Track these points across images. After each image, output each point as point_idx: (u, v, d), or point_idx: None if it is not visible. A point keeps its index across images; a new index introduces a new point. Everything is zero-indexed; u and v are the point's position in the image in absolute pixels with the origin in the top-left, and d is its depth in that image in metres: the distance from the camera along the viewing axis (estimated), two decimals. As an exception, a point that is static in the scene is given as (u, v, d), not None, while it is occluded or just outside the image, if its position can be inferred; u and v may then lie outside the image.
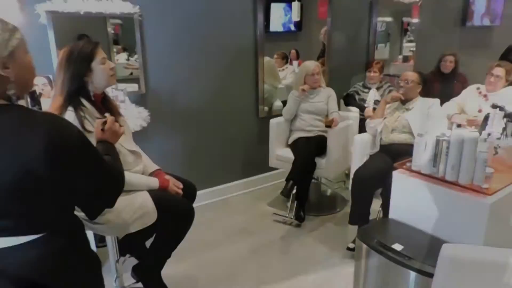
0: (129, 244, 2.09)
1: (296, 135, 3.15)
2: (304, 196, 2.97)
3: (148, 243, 2.02)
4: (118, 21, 2.72)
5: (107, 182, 1.20)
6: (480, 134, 2.10)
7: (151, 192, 1.83)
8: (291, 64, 3.84)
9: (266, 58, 3.40)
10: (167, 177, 1.97)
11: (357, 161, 2.70)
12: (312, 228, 2.94)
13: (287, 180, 2.85)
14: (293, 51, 3.88)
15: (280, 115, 3.27)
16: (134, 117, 2.51)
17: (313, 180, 3.34)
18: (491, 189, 1.61)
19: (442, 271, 1.36)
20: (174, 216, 1.85)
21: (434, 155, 1.72)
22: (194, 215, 1.90)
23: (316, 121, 3.11)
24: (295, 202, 2.99)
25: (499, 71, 2.99)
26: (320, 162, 2.97)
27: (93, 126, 1.66)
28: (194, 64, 3.05)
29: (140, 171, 1.91)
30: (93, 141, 1.65)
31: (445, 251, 1.34)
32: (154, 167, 2.01)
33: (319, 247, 2.69)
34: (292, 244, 2.75)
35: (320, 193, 3.52)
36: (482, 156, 1.59)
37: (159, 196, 1.83)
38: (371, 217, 2.58)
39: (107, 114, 1.52)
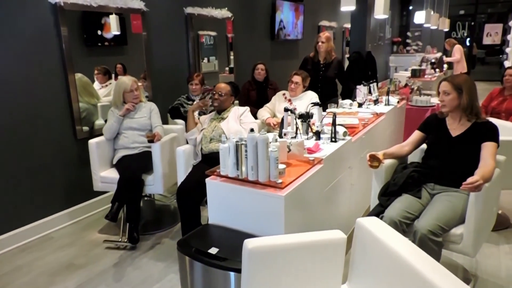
0: None
1: (120, 153, 3.01)
2: (135, 216, 2.84)
3: None
4: None
5: None
6: (280, 134, 2.40)
7: None
8: (116, 79, 3.65)
9: (78, 75, 3.15)
10: None
11: (182, 172, 2.74)
12: (148, 247, 2.86)
13: (113, 202, 2.69)
14: (119, 66, 3.70)
15: (104, 134, 3.07)
16: None
17: (145, 198, 3.25)
18: (284, 182, 1.83)
19: (246, 264, 1.47)
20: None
21: (236, 159, 1.86)
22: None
23: (140, 137, 3.03)
24: (127, 224, 2.85)
25: (297, 78, 3.49)
26: (148, 178, 2.91)
27: None
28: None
29: None
30: None
31: (246, 246, 1.46)
32: None
33: (155, 265, 2.62)
34: (127, 268, 2.61)
35: (154, 209, 3.44)
36: (274, 155, 1.80)
37: None
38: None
39: None
